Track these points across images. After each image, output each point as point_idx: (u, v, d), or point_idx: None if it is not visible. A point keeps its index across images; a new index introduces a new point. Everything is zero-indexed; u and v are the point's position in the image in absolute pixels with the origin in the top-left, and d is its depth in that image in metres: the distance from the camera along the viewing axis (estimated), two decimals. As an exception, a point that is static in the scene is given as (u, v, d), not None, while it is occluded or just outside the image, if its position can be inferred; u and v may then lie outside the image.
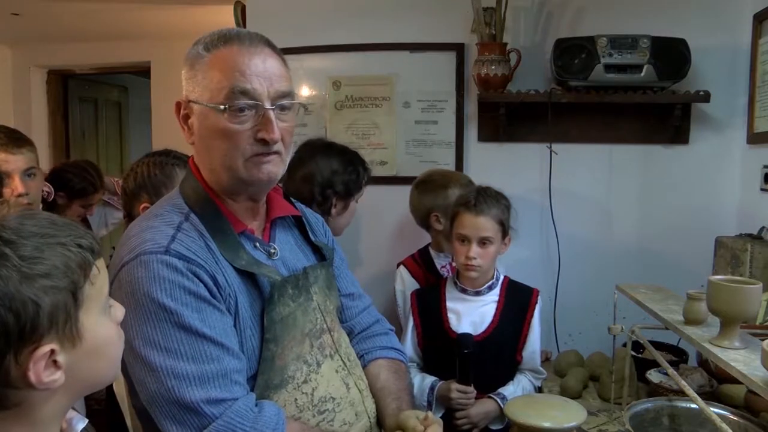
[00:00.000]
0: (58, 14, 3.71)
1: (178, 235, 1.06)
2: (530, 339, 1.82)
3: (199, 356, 0.99)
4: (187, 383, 0.98)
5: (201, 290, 1.02)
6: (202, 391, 0.98)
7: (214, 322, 1.02)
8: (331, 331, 1.23)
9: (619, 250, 2.46)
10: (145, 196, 1.64)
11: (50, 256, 0.70)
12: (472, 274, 1.78)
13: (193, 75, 1.10)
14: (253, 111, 1.07)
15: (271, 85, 1.08)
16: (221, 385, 1.00)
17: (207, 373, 0.99)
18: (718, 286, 1.18)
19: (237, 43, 1.08)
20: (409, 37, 2.53)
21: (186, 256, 1.03)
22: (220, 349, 1.01)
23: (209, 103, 1.07)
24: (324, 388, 1.15)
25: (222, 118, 1.06)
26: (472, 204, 1.77)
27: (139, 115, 5.41)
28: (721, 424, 1.07)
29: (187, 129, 1.14)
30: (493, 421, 1.77)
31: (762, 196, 2.17)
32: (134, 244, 1.05)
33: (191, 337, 1.00)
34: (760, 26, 2.22)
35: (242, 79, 1.06)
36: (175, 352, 0.99)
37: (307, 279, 1.20)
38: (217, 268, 1.07)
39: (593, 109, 2.37)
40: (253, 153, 1.09)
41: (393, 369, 1.34)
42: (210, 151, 1.11)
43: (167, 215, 1.11)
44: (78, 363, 0.72)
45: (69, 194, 2.72)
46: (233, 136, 1.07)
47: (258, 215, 1.21)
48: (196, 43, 1.12)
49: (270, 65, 1.09)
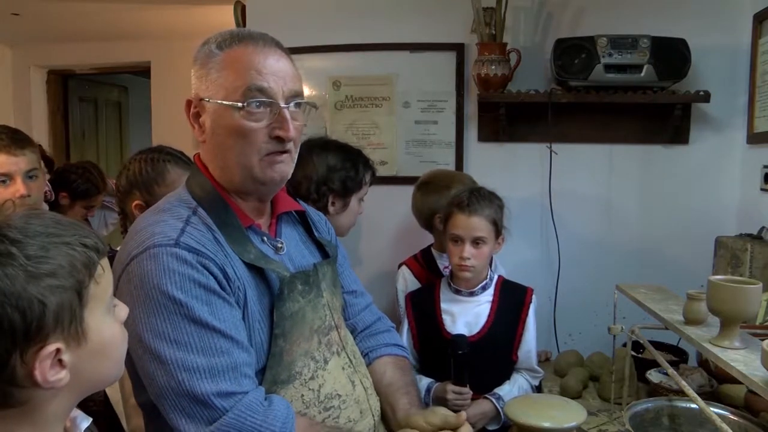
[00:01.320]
0: (58, 14, 3.71)
1: (187, 228, 1.06)
2: (525, 338, 1.82)
3: (209, 349, 0.99)
4: (198, 376, 0.97)
5: (211, 282, 1.02)
6: (212, 384, 0.98)
7: (224, 315, 1.02)
8: (338, 328, 1.23)
9: (619, 250, 2.46)
10: (137, 193, 1.63)
11: (56, 256, 0.70)
12: (465, 274, 1.78)
13: (206, 73, 1.10)
14: (268, 109, 1.08)
15: (285, 84, 1.10)
16: (231, 378, 0.99)
17: (217, 366, 0.99)
18: (718, 286, 1.18)
19: (251, 43, 1.10)
20: (409, 37, 2.53)
21: (195, 249, 1.03)
22: (230, 342, 1.01)
23: (224, 101, 1.07)
24: (330, 384, 1.16)
25: (237, 116, 1.07)
26: (465, 204, 1.77)
27: (139, 115, 5.42)
28: (721, 424, 1.07)
29: (198, 127, 1.14)
30: (490, 421, 1.76)
31: (762, 196, 2.17)
32: (143, 237, 1.05)
33: (201, 329, 0.99)
34: (760, 26, 2.22)
35: (258, 77, 1.07)
36: (186, 345, 0.98)
37: (317, 275, 1.21)
38: (227, 260, 1.07)
39: (593, 109, 2.37)
40: (268, 151, 1.10)
41: (398, 366, 1.34)
42: (224, 149, 1.11)
43: (175, 209, 1.11)
44: (82, 362, 0.72)
45: (72, 195, 2.73)
46: (249, 134, 1.08)
47: (264, 212, 1.22)
48: (207, 42, 1.12)
49: (283, 65, 1.11)
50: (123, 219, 1.72)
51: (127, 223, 1.68)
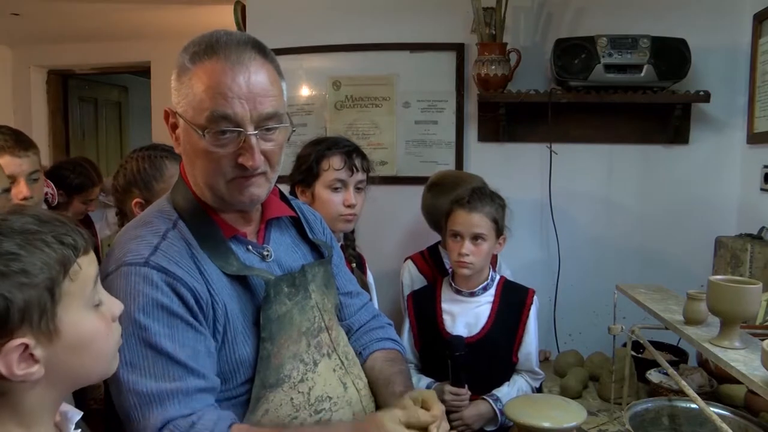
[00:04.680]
0: (58, 14, 3.71)
1: (162, 244, 1.05)
2: (526, 340, 1.81)
3: (162, 375, 0.99)
4: (147, 400, 0.98)
5: (175, 306, 1.01)
6: (160, 411, 0.97)
7: (185, 340, 1.01)
8: (329, 330, 1.22)
9: (619, 249, 2.46)
10: (136, 191, 1.63)
11: (29, 253, 0.72)
12: (464, 271, 1.78)
13: (179, 87, 1.07)
14: (234, 134, 1.04)
15: (255, 108, 1.03)
16: (180, 402, 0.99)
17: (167, 391, 0.99)
18: (718, 286, 1.18)
19: (222, 57, 1.02)
20: (409, 37, 2.53)
21: (165, 269, 1.02)
22: (183, 369, 1.00)
23: (191, 123, 1.05)
24: (321, 387, 1.14)
25: (203, 140, 1.04)
26: (465, 201, 1.78)
27: (139, 115, 5.42)
28: (721, 424, 1.07)
29: (175, 138, 1.12)
30: (487, 422, 1.76)
31: (762, 196, 2.17)
32: (119, 254, 1.05)
33: (156, 355, 0.99)
34: (760, 26, 2.22)
35: (223, 102, 1.01)
36: (140, 368, 0.99)
37: (304, 277, 1.19)
38: (201, 279, 1.05)
39: (593, 109, 2.37)
40: (234, 176, 1.06)
41: (388, 358, 1.32)
42: (194, 167, 1.10)
43: (156, 222, 1.10)
44: (58, 357, 0.74)
45: (67, 191, 2.73)
46: (214, 159, 1.05)
47: (251, 220, 1.19)
48: (185, 49, 1.08)
49: (255, 82, 1.03)
50: (122, 218, 1.71)
51: (125, 222, 1.67)
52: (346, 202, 1.76)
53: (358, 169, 1.78)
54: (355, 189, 1.78)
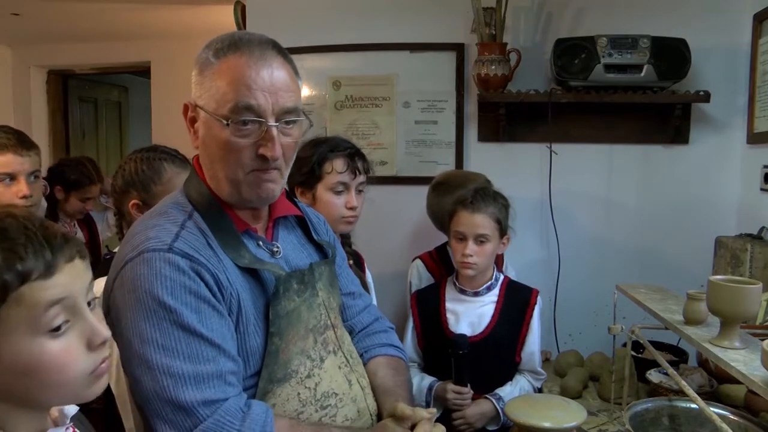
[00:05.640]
0: (58, 14, 3.71)
1: (182, 233, 1.06)
2: (529, 340, 1.82)
3: (196, 356, 0.99)
4: (183, 383, 0.98)
5: (202, 290, 1.03)
6: (197, 392, 0.98)
7: (212, 323, 1.02)
8: (334, 328, 1.23)
9: (619, 249, 2.46)
10: (134, 192, 1.63)
11: None
12: (468, 272, 1.78)
13: (202, 81, 1.10)
14: (256, 125, 1.07)
15: (277, 101, 1.07)
16: (216, 386, 1.00)
17: (202, 373, 0.99)
18: (718, 286, 1.18)
19: (246, 52, 1.07)
20: (409, 37, 2.53)
21: (189, 254, 1.03)
22: (216, 350, 1.01)
23: (214, 114, 1.07)
24: (327, 383, 1.16)
25: (225, 131, 1.06)
26: (468, 202, 1.78)
27: (139, 115, 5.42)
28: (721, 424, 1.07)
29: (193, 132, 1.14)
30: (489, 421, 1.76)
31: (762, 196, 2.17)
32: (138, 241, 1.05)
33: (189, 336, 1.00)
34: (760, 26, 2.22)
35: (247, 93, 1.05)
36: (173, 351, 0.99)
37: (312, 275, 1.21)
38: (220, 266, 1.07)
39: (593, 109, 2.37)
40: (253, 168, 1.09)
41: (391, 366, 1.33)
42: (213, 160, 1.11)
43: (172, 212, 1.11)
44: (3, 380, 0.73)
45: (65, 187, 2.76)
46: (235, 150, 1.07)
47: (261, 217, 1.21)
48: (208, 46, 1.11)
49: (277, 77, 1.08)
50: (119, 219, 1.72)
51: (123, 223, 1.68)
52: (348, 204, 1.75)
53: (360, 171, 1.78)
54: (356, 191, 1.78)
